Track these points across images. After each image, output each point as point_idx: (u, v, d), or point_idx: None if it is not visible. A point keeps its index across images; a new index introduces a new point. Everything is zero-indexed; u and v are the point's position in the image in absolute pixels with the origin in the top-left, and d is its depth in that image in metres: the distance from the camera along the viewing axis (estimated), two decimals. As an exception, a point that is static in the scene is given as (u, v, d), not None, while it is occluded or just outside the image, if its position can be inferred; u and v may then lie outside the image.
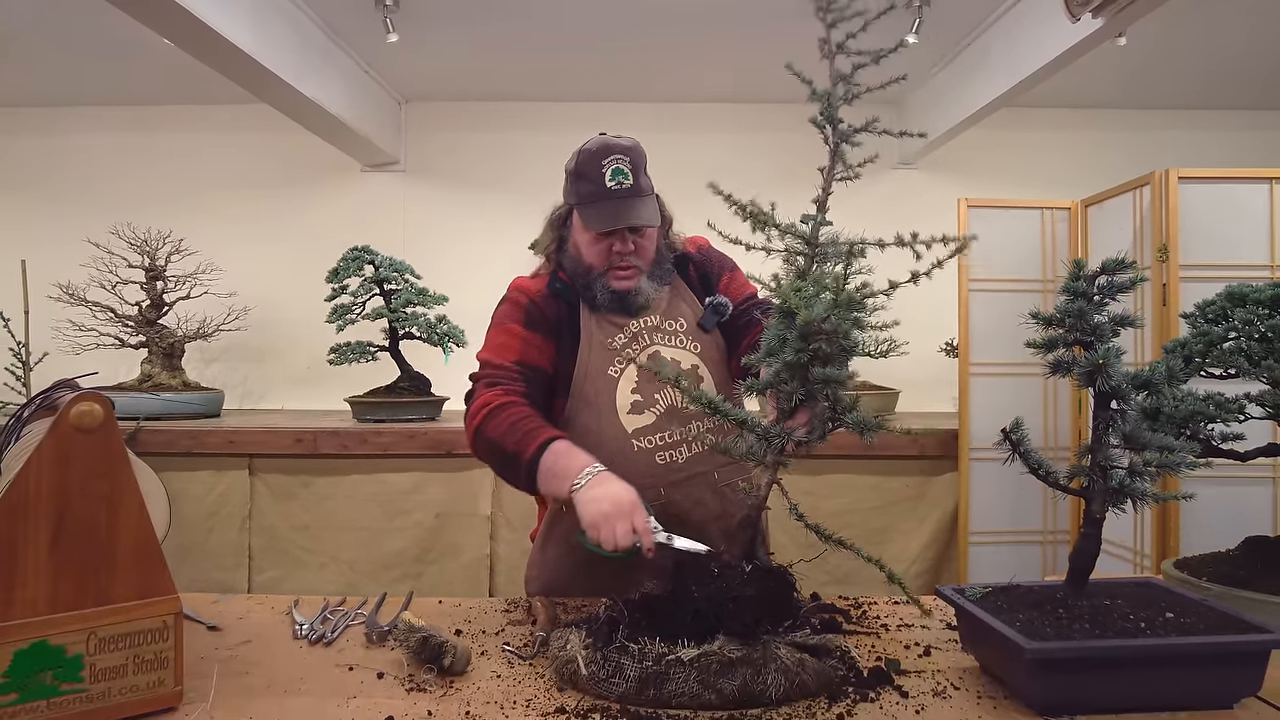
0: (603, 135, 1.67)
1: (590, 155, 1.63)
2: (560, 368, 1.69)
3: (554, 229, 1.75)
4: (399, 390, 3.60)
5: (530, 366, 1.66)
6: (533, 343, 1.68)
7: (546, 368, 1.68)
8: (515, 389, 1.62)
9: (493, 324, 1.74)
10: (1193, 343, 1.62)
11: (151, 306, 3.73)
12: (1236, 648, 1.12)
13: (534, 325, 1.69)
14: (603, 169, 1.60)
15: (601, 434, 1.65)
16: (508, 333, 1.69)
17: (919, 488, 3.29)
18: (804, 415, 1.26)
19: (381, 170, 4.40)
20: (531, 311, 1.69)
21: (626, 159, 1.61)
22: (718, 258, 1.85)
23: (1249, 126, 4.30)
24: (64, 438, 1.06)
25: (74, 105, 4.34)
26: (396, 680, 1.24)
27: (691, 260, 1.81)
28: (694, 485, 1.67)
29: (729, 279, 1.81)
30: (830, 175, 1.30)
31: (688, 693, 1.10)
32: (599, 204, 1.62)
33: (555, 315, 1.70)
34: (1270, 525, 2.60)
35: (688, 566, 1.31)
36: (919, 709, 1.13)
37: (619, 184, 1.60)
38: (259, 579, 3.28)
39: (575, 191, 1.67)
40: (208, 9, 2.65)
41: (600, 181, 1.60)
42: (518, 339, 1.68)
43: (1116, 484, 1.20)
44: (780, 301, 1.24)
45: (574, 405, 1.68)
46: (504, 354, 1.67)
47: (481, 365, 1.70)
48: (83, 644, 1.05)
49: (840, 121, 1.29)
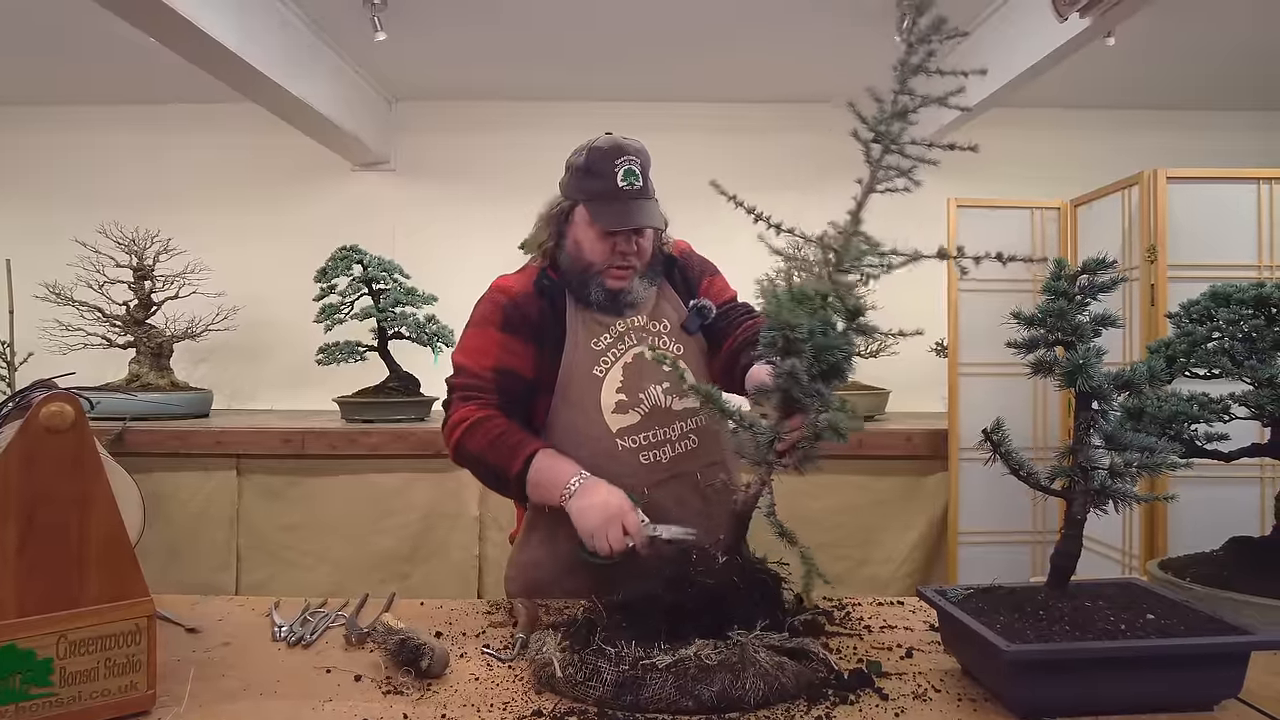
0: (610, 135, 1.67)
1: (602, 153, 1.63)
2: (543, 367, 1.68)
3: (553, 223, 1.72)
4: (388, 390, 3.58)
5: (506, 372, 1.65)
6: (510, 347, 1.66)
7: (523, 372, 1.67)
8: (490, 401, 1.63)
9: (470, 323, 1.72)
10: (1177, 343, 1.62)
11: (139, 306, 3.70)
12: (1216, 649, 1.11)
13: (512, 328, 1.67)
14: (615, 168, 1.61)
15: (586, 433, 1.65)
16: (485, 336, 1.67)
17: (908, 488, 3.28)
18: (798, 419, 1.27)
19: (371, 170, 4.38)
20: (510, 313, 1.67)
21: (638, 160, 1.63)
22: (699, 261, 1.86)
23: (1237, 127, 4.31)
24: (34, 439, 1.05)
25: (60, 104, 4.31)
26: (374, 683, 1.22)
27: (676, 263, 1.82)
28: (678, 484, 1.67)
29: (709, 283, 1.82)
30: (869, 188, 1.25)
31: (665, 698, 1.09)
32: (611, 203, 1.62)
33: (537, 315, 1.68)
34: (1257, 526, 2.60)
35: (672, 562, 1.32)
36: (899, 711, 1.13)
37: (630, 185, 1.61)
38: (247, 580, 3.26)
39: (583, 188, 1.65)
40: (193, 8, 2.63)
41: (612, 180, 1.61)
42: (495, 344, 1.66)
43: (1098, 485, 1.20)
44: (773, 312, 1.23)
45: (558, 404, 1.67)
46: (480, 359, 1.66)
47: (456, 370, 1.69)
48: (53, 647, 1.04)
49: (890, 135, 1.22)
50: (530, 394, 1.68)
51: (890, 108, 1.22)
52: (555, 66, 3.93)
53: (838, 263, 1.23)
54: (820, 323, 1.21)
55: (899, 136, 1.21)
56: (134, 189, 4.26)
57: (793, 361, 1.19)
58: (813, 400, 1.23)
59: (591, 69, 3.97)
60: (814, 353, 1.20)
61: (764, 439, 1.26)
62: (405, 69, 3.97)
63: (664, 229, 1.76)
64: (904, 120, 1.22)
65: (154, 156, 4.35)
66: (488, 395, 1.64)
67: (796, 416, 1.27)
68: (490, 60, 3.85)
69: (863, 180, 1.25)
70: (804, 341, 1.19)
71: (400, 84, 4.23)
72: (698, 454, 1.69)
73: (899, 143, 1.22)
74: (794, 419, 1.27)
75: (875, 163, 1.24)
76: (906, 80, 1.21)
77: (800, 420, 1.27)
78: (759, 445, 1.26)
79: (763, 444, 1.26)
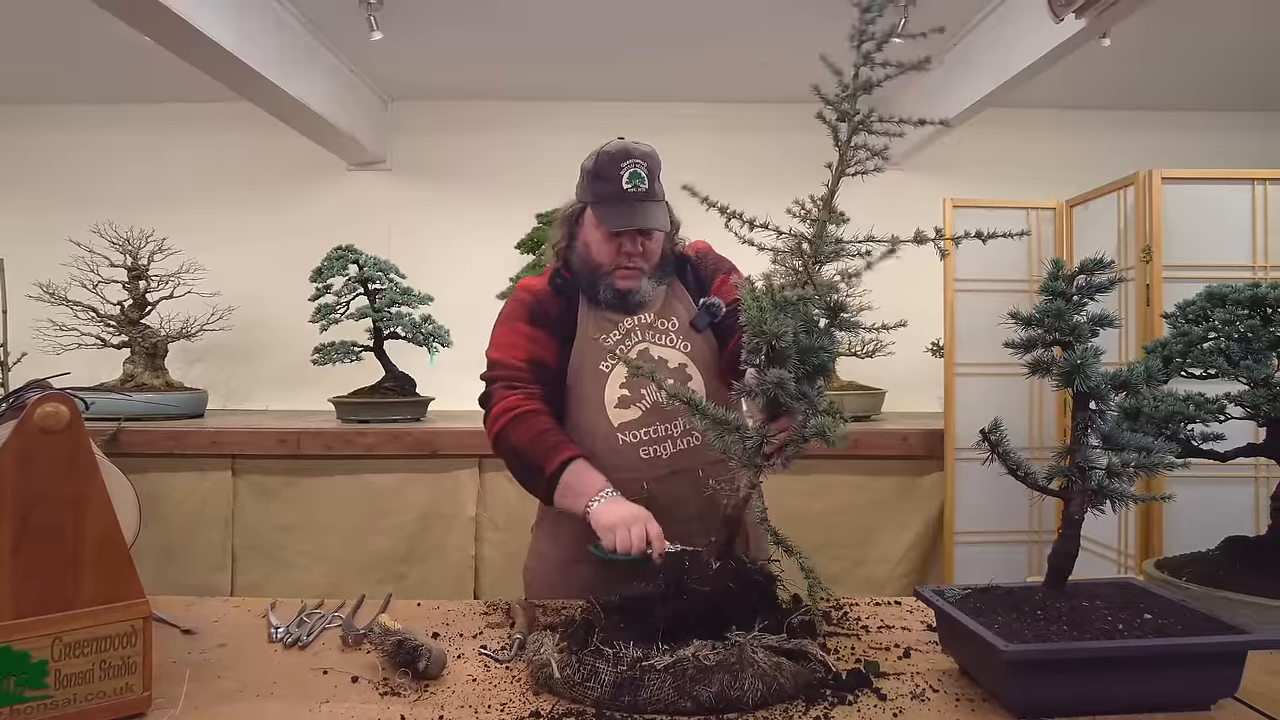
0: (622, 140, 1.72)
1: (610, 158, 1.68)
2: (559, 362, 1.75)
3: (565, 225, 1.80)
4: (383, 391, 3.57)
5: (539, 364, 1.73)
6: (538, 339, 1.74)
7: (552, 363, 1.74)
8: (534, 392, 1.70)
9: (499, 321, 1.80)
10: (1173, 343, 1.63)
11: (134, 306, 3.69)
12: (1214, 649, 1.12)
13: (538, 322, 1.75)
14: (621, 171, 1.66)
15: (591, 427, 1.71)
16: (515, 331, 1.75)
17: (905, 488, 3.28)
18: (785, 421, 1.27)
19: (367, 169, 4.37)
20: (535, 309, 1.76)
21: (644, 164, 1.67)
22: (714, 260, 1.88)
23: (1233, 128, 4.32)
24: (29, 439, 1.04)
25: (54, 102, 4.30)
26: (371, 684, 1.22)
27: (689, 262, 1.86)
28: (677, 481, 1.68)
29: (723, 280, 1.83)
30: (839, 172, 1.24)
31: (663, 699, 1.09)
32: (614, 205, 1.67)
33: (557, 311, 1.76)
34: (1252, 525, 2.60)
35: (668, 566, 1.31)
36: (897, 711, 1.12)
37: (635, 187, 1.66)
38: (242, 581, 3.25)
39: (591, 191, 1.72)
40: (189, 7, 2.62)
41: (617, 183, 1.66)
42: (524, 337, 1.74)
43: (1095, 485, 1.20)
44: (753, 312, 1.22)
45: (569, 398, 1.74)
46: (514, 353, 1.73)
47: (491, 364, 1.76)
48: (47, 649, 1.04)
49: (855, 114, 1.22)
50: (561, 383, 1.75)
51: (852, 83, 1.22)
52: (552, 66, 3.92)
53: (814, 253, 1.23)
54: (803, 322, 1.20)
55: (867, 116, 1.21)
56: (130, 188, 4.24)
57: (778, 372, 1.18)
58: (800, 403, 1.22)
59: (588, 69, 3.96)
60: (799, 356, 1.19)
61: (751, 443, 1.25)
62: (401, 69, 3.96)
63: (674, 230, 1.80)
64: (868, 93, 1.21)
65: (149, 156, 4.34)
66: (528, 385, 1.70)
67: (783, 419, 1.27)
68: (486, 60, 3.84)
69: (832, 164, 1.24)
70: (788, 349, 1.18)
71: (396, 84, 4.22)
72: (699, 451, 1.70)
73: (867, 122, 1.21)
74: (780, 421, 1.27)
75: (844, 144, 1.23)
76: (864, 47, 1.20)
77: (787, 422, 1.27)
78: (746, 449, 1.25)
79: (750, 448, 1.25)
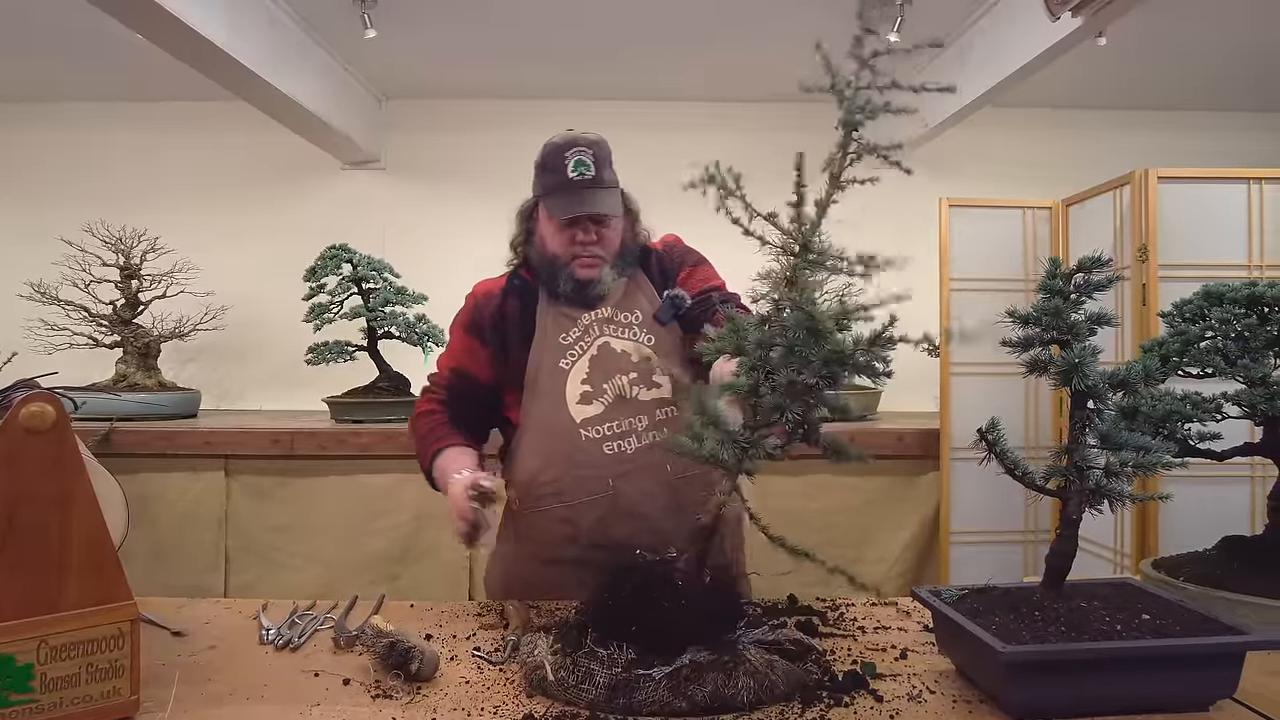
0: (570, 131, 1.72)
1: (555, 148, 1.69)
2: (506, 366, 1.74)
3: (522, 221, 1.81)
4: (378, 390, 3.55)
5: (461, 373, 1.78)
6: (469, 348, 1.78)
7: (476, 373, 1.77)
8: (441, 397, 1.78)
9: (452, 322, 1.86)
10: (1170, 342, 1.62)
11: (126, 305, 3.66)
12: (1212, 649, 1.11)
13: (473, 329, 1.78)
14: (565, 160, 1.67)
15: (553, 424, 1.68)
16: (454, 336, 1.82)
17: (900, 488, 3.27)
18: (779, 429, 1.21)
19: (361, 168, 4.35)
20: (475, 315, 1.79)
21: (590, 152, 1.67)
22: (681, 252, 1.86)
23: (1230, 127, 4.32)
24: (13, 439, 1.03)
25: (45, 101, 4.27)
26: (362, 687, 1.21)
27: (655, 253, 1.83)
28: (643, 477, 1.64)
29: (689, 272, 1.80)
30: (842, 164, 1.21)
31: (658, 701, 1.08)
32: (562, 194, 1.68)
33: (499, 316, 1.76)
34: (1248, 525, 2.60)
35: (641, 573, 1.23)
36: (893, 713, 1.11)
37: (581, 175, 1.66)
38: (235, 581, 3.22)
39: (540, 183, 1.74)
40: (182, 4, 2.60)
41: (563, 172, 1.67)
42: (459, 344, 1.80)
43: (1093, 484, 1.19)
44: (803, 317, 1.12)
45: (528, 397, 1.72)
46: (446, 359, 1.82)
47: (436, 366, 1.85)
48: (33, 653, 1.02)
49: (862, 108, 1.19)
50: (486, 394, 1.78)
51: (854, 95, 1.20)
52: (546, 65, 3.91)
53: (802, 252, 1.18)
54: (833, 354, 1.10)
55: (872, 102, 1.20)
56: (121, 187, 4.21)
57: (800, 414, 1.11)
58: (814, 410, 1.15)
59: (582, 67, 3.95)
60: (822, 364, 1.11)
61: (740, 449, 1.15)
62: (395, 67, 3.94)
63: (633, 219, 1.79)
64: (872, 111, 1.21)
65: (141, 155, 4.31)
66: (440, 392, 1.79)
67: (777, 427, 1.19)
68: (481, 58, 3.83)
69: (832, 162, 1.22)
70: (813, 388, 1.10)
71: (390, 82, 4.20)
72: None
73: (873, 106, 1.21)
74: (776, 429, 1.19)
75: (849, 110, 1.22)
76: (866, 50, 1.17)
77: (782, 430, 1.19)
78: (736, 454, 1.15)
79: (738, 454, 1.15)
